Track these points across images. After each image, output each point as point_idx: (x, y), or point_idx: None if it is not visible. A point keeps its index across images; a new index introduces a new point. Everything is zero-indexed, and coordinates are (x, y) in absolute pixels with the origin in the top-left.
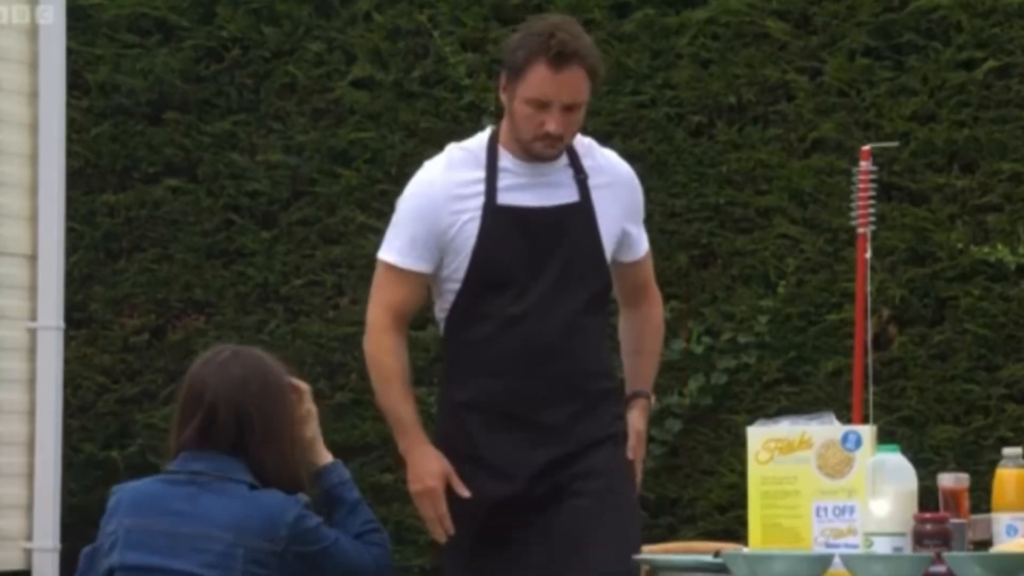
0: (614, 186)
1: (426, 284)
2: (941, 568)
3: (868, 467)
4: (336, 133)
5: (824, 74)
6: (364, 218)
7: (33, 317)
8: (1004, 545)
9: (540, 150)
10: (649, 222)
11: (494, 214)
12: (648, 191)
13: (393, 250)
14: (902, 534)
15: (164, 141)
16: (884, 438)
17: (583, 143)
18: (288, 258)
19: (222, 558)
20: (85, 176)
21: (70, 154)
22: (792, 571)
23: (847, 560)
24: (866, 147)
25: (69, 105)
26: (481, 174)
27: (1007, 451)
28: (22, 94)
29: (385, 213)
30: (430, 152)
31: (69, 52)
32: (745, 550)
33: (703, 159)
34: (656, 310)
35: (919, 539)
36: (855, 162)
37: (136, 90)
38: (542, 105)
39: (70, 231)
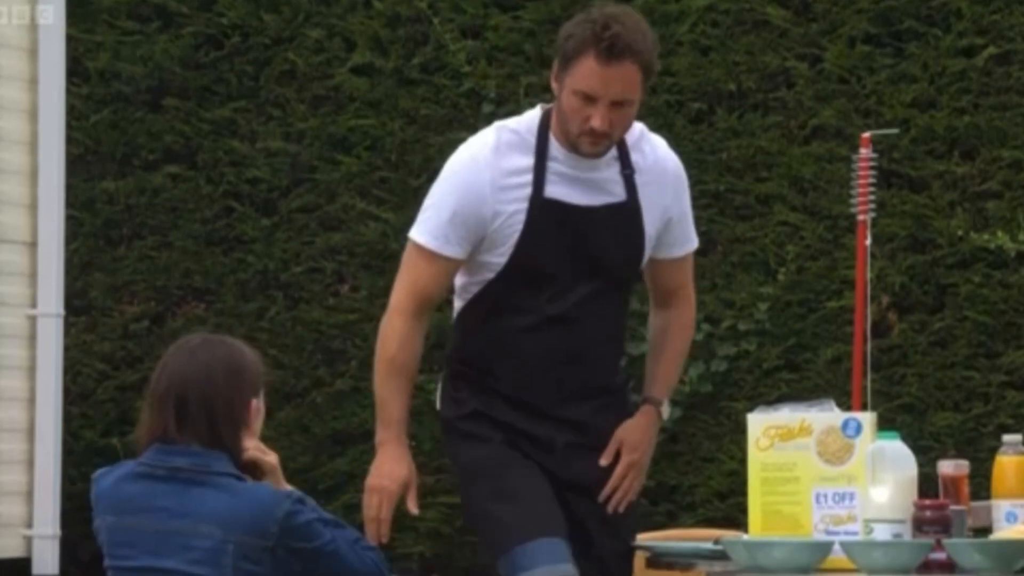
0: (661, 181)
1: (456, 270)
2: (941, 555)
3: (868, 454)
4: (336, 120)
5: (824, 61)
6: (364, 205)
7: (33, 304)
8: (1004, 532)
9: (586, 146)
10: None
11: (541, 208)
12: None
13: (427, 232)
14: (902, 521)
15: (164, 128)
16: (884, 425)
17: (633, 133)
18: (288, 245)
19: (211, 554)
20: (85, 163)
21: (70, 141)
22: (792, 558)
23: (847, 547)
24: (866, 134)
25: (69, 92)
26: (530, 161)
27: (1007, 438)
28: (22, 81)
29: (385, 200)
30: (430, 139)
31: (69, 39)
32: (745, 537)
33: (703, 146)
34: (689, 314)
35: (919, 526)
36: (855, 149)
37: (136, 77)
38: (589, 99)
39: (70, 218)
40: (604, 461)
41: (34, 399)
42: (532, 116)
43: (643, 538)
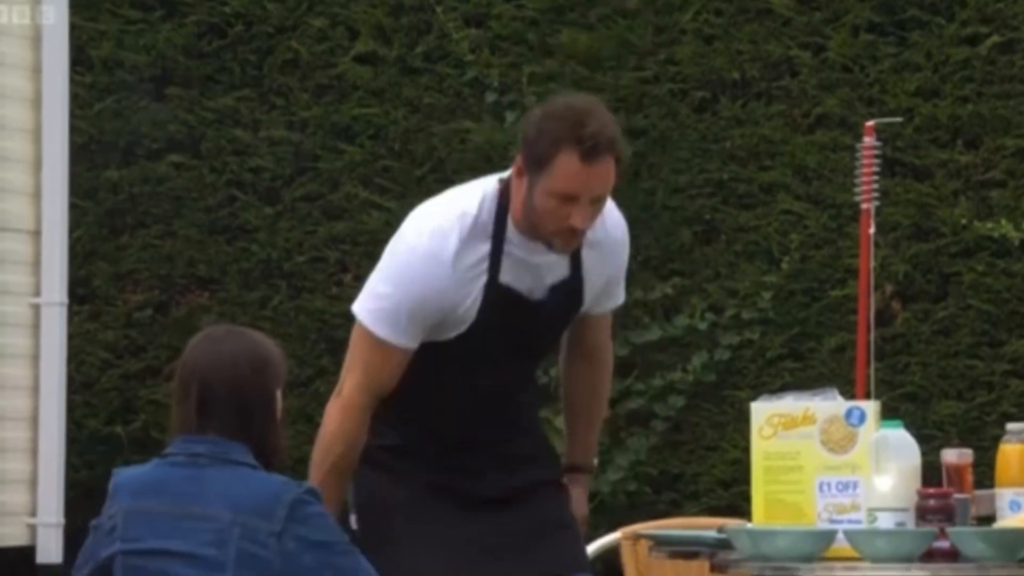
0: (608, 251)
1: (411, 355)
2: (944, 543)
3: (872, 443)
4: (339, 109)
5: (828, 50)
6: (367, 194)
7: (37, 293)
8: (1007, 520)
9: (561, 245)
10: (653, 198)
11: (494, 294)
12: (651, 167)
13: (382, 323)
14: (905, 509)
15: (167, 117)
16: (887, 414)
17: None
18: (291, 234)
19: (218, 536)
20: (88, 152)
21: (73, 130)
22: (795, 547)
23: (850, 536)
24: (870, 123)
25: (72, 80)
26: (487, 247)
27: (1011, 426)
28: (25, 69)
29: (388, 189)
30: (433, 127)
31: (72, 27)
32: (748, 525)
33: (707, 135)
34: (608, 374)
35: (922, 514)
36: (859, 138)
37: (139, 66)
38: (569, 199)
39: (73, 207)
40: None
41: (38, 387)
42: (490, 193)
43: (647, 527)
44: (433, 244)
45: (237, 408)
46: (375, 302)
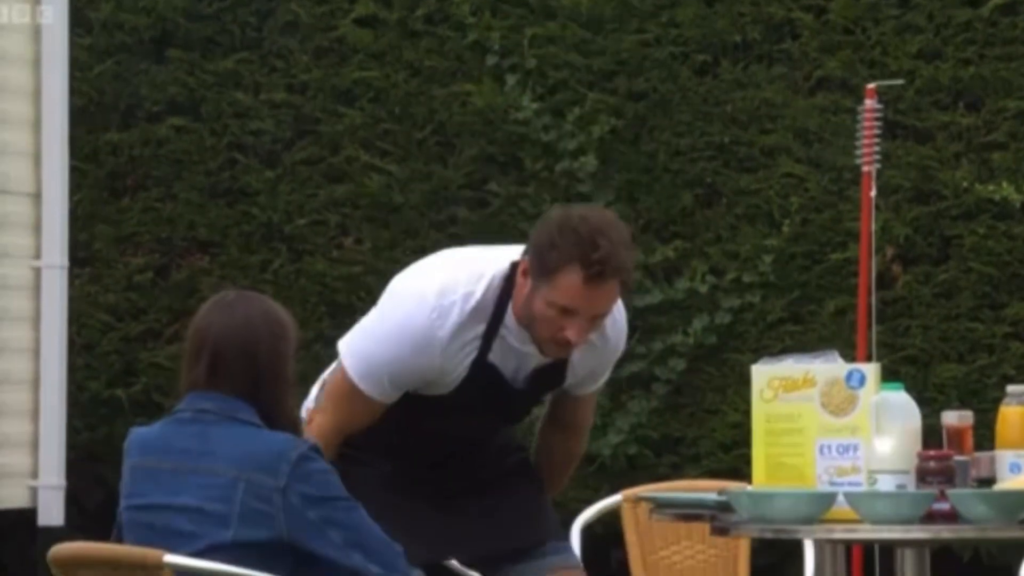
0: (596, 352)
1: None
2: (945, 505)
3: (872, 405)
4: (339, 72)
5: (829, 12)
6: (368, 157)
7: (37, 255)
8: (1007, 482)
9: (552, 352)
10: (654, 161)
11: (480, 370)
12: (652, 130)
13: (369, 380)
14: (906, 472)
15: (167, 79)
16: (888, 377)
17: None
18: (292, 197)
19: (223, 491)
20: (88, 114)
21: (73, 92)
22: (796, 509)
23: (851, 498)
24: (871, 85)
25: (72, 43)
26: (483, 328)
27: (1011, 388)
28: (25, 32)
29: (389, 152)
30: (434, 90)
31: None
32: (749, 488)
33: (708, 98)
34: (586, 439)
35: (923, 477)
36: (860, 100)
37: (139, 28)
38: (568, 312)
39: (74, 169)
40: None
41: (39, 350)
42: (498, 275)
43: (647, 490)
44: (432, 323)
45: (248, 372)
46: (361, 355)
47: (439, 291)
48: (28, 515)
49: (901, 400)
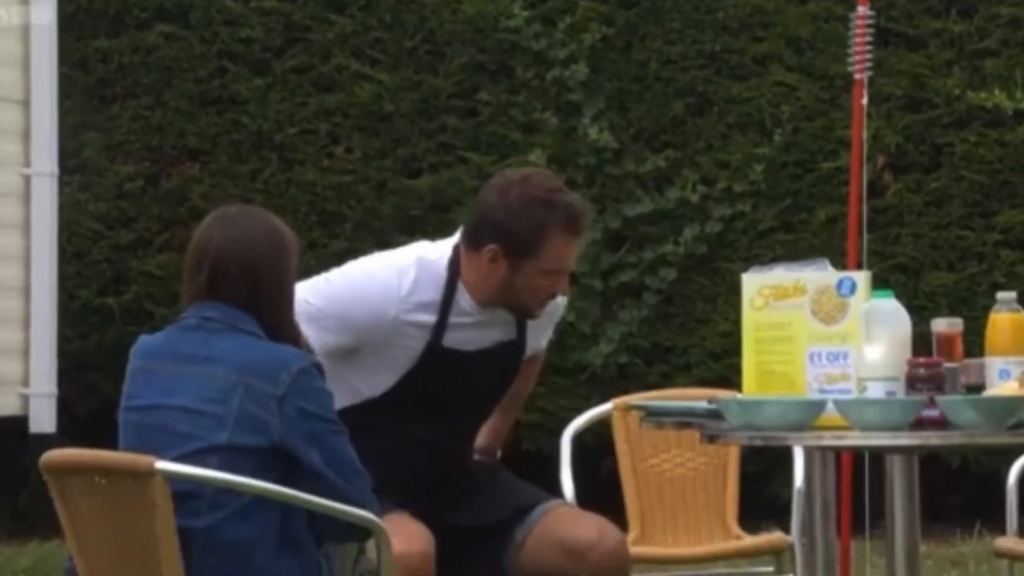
0: (550, 317)
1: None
2: (934, 412)
3: (862, 313)
4: None
5: None
6: (358, 66)
7: (27, 163)
8: (996, 389)
9: (539, 310)
10: (645, 69)
11: (435, 355)
12: (643, 38)
13: (314, 325)
14: (895, 379)
15: None
16: (879, 285)
17: None
18: (282, 106)
19: (221, 394)
20: (78, 21)
21: None
22: (785, 416)
23: (840, 405)
24: None
25: None
26: (438, 297)
27: (1001, 295)
28: None
29: (379, 61)
30: None
31: None
32: (739, 396)
33: (699, 5)
34: (534, 380)
35: (912, 384)
36: (852, 7)
37: None
38: (558, 272)
39: (63, 76)
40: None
41: (29, 258)
42: (446, 249)
43: (638, 398)
44: (387, 280)
45: (249, 285)
46: (314, 296)
47: (397, 260)
48: (20, 423)
49: (891, 308)
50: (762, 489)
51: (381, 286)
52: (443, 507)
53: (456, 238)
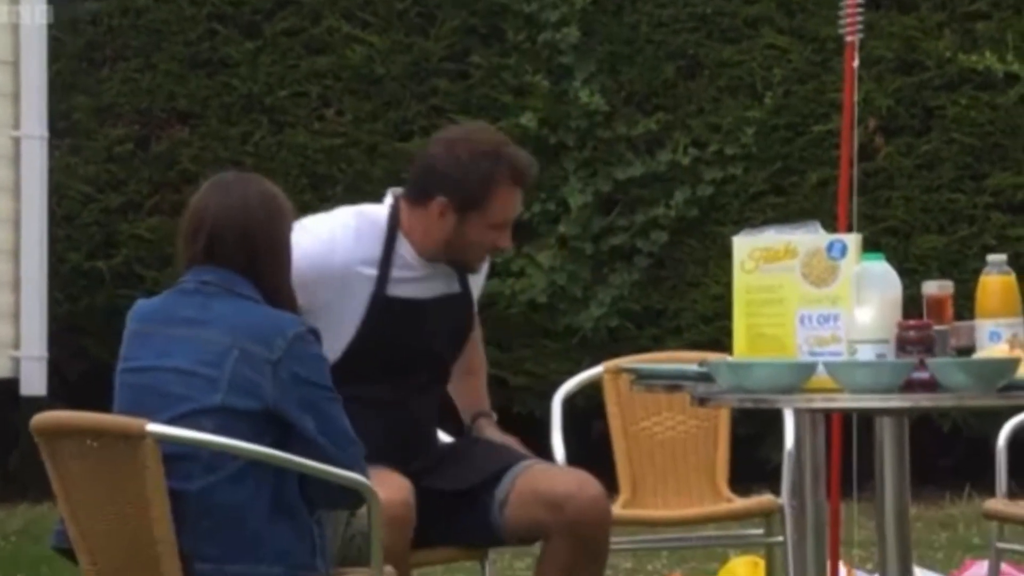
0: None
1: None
2: (924, 374)
3: (853, 275)
4: None
5: None
6: (349, 28)
7: (16, 125)
8: (986, 351)
9: (479, 264)
10: (636, 32)
11: (381, 305)
12: (635, 1)
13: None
14: (886, 341)
15: None
16: (869, 248)
17: None
18: (273, 68)
19: (216, 356)
20: None
21: None
22: (776, 379)
23: (830, 367)
24: None
25: None
26: (379, 251)
27: (991, 258)
28: None
29: (370, 23)
30: None
31: None
32: (729, 359)
33: None
34: (478, 331)
35: (902, 346)
36: None
37: None
38: (504, 225)
39: (52, 39)
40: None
41: (19, 221)
42: (383, 213)
43: (629, 361)
44: (332, 226)
45: (245, 252)
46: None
47: (338, 215)
48: (11, 385)
49: (882, 270)
50: (752, 452)
51: (326, 235)
52: (420, 471)
53: (390, 199)
